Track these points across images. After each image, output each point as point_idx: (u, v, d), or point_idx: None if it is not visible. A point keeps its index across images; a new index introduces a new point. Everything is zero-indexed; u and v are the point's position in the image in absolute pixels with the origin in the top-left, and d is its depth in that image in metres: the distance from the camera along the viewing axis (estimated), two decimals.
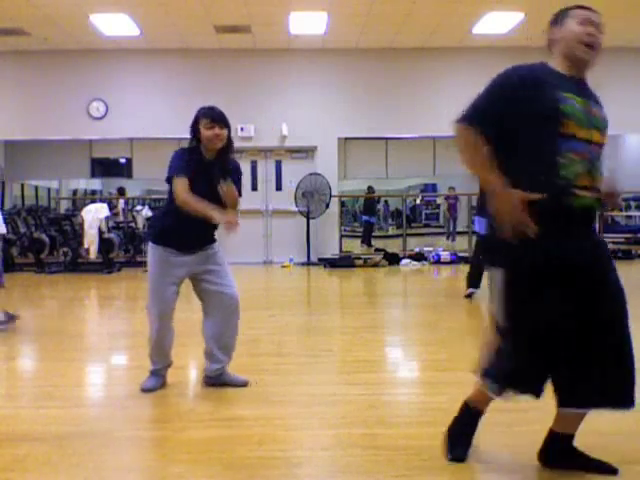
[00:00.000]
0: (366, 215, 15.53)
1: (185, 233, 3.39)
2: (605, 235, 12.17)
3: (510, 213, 2.12)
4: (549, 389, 2.34)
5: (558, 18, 2.34)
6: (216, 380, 3.57)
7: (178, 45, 10.89)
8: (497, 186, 2.16)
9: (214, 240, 3.55)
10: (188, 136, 3.46)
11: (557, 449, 2.42)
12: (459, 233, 15.28)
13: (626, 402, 2.25)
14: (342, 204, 13.25)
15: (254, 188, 11.59)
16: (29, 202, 14.76)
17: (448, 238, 16.08)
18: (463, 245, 12.52)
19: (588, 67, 2.31)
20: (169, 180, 3.31)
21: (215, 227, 3.49)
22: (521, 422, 2.92)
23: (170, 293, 3.43)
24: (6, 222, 10.65)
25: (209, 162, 3.36)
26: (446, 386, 3.52)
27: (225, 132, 3.36)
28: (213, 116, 3.34)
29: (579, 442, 2.44)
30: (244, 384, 3.58)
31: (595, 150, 2.23)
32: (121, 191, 13.06)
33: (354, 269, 10.47)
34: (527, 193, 2.12)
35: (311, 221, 11.22)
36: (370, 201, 15.74)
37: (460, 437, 2.51)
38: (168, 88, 11.24)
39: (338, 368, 4.17)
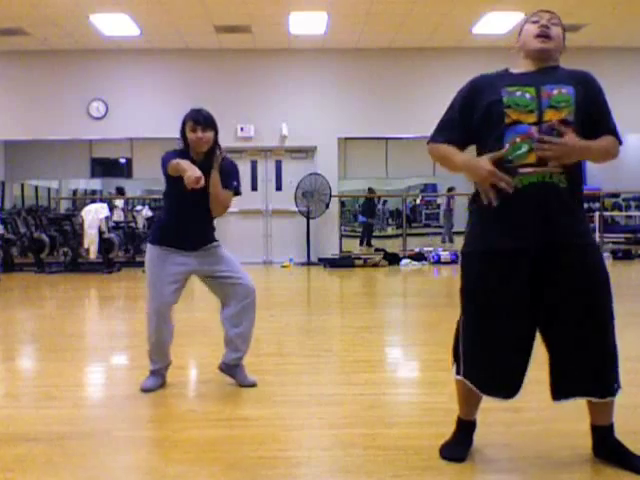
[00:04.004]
0: (364, 216, 15.49)
1: (182, 230, 3.43)
2: (605, 235, 12.19)
3: (483, 178, 2.23)
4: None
5: (521, 28, 2.47)
6: (229, 371, 3.57)
7: (178, 45, 10.88)
8: (464, 164, 2.33)
9: (214, 239, 3.56)
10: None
11: (597, 441, 2.44)
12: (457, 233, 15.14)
13: (605, 392, 2.30)
14: (342, 204, 13.24)
15: (254, 188, 11.58)
16: (29, 202, 14.76)
17: (445, 241, 14.91)
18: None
19: (551, 55, 2.40)
20: (166, 173, 3.32)
21: (211, 223, 3.54)
22: (521, 422, 2.92)
23: (168, 291, 3.43)
24: (5, 222, 10.69)
25: (199, 165, 3.30)
26: (446, 386, 3.50)
27: (209, 135, 3.36)
28: (197, 119, 3.35)
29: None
30: (252, 385, 3.56)
31: (549, 127, 2.26)
32: (120, 191, 13.10)
33: (354, 269, 10.46)
34: (492, 154, 2.25)
35: (311, 221, 11.22)
36: (370, 202, 15.72)
37: (458, 445, 2.55)
38: (168, 88, 11.24)
39: (338, 368, 4.17)
